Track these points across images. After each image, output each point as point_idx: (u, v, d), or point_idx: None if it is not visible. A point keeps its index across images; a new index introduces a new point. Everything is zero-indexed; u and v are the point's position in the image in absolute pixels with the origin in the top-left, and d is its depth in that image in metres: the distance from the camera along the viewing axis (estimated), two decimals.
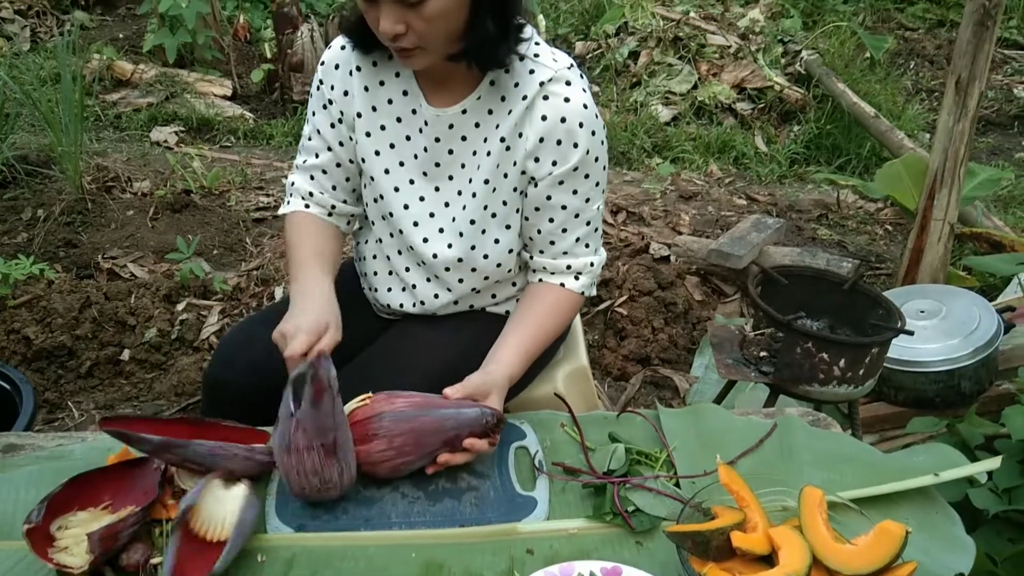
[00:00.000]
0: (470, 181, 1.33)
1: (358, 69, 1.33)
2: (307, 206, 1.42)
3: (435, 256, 1.36)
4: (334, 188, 1.42)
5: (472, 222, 1.34)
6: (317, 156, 1.40)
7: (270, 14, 4.67)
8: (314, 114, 1.39)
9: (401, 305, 1.46)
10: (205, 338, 2.52)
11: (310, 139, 1.40)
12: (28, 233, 2.95)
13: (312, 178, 1.42)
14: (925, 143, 4.11)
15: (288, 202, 1.44)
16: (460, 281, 1.40)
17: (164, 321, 2.51)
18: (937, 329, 2.10)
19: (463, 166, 1.33)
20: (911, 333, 1.73)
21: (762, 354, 1.79)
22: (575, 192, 1.32)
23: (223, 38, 4.61)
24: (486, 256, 1.37)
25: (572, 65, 1.29)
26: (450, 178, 1.35)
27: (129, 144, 3.89)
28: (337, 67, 1.35)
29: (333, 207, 1.42)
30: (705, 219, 3.45)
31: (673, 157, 4.17)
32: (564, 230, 1.35)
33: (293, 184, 1.43)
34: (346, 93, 1.34)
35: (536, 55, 1.27)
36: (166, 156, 3.66)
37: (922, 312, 2.13)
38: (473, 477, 1.21)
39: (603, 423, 1.33)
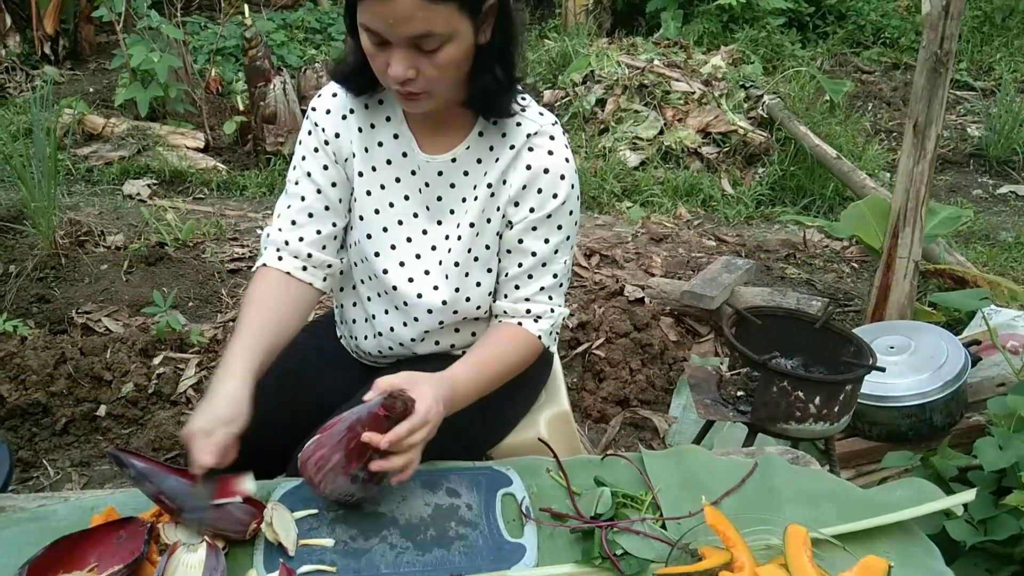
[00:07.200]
0: (457, 226, 1.37)
1: (351, 112, 1.36)
2: (280, 258, 1.37)
3: (420, 296, 1.38)
4: (319, 232, 1.38)
5: (456, 264, 1.37)
6: (304, 199, 1.37)
7: (242, 67, 4.71)
8: (304, 159, 1.37)
9: (379, 352, 1.48)
10: (183, 391, 2.50)
11: (297, 183, 1.37)
12: (0, 289, 2.92)
13: (294, 223, 1.37)
14: (886, 182, 4.23)
15: (261, 256, 1.41)
16: (440, 324, 1.42)
17: (141, 375, 2.49)
18: (907, 364, 2.15)
19: (452, 212, 1.37)
20: (883, 370, 1.78)
21: (739, 393, 1.83)
22: (546, 241, 1.35)
23: (195, 91, 4.64)
24: (468, 299, 1.39)
25: (556, 123, 1.35)
26: (439, 223, 1.38)
27: (102, 198, 3.88)
28: (329, 112, 1.36)
29: (310, 255, 1.37)
30: (676, 261, 3.51)
31: (642, 201, 4.25)
32: (530, 276, 1.38)
33: (268, 236, 1.40)
34: (338, 136, 1.36)
35: (524, 109, 1.33)
36: (139, 209, 3.66)
37: (892, 348, 2.19)
38: (461, 526, 1.22)
39: (588, 467, 1.35)
